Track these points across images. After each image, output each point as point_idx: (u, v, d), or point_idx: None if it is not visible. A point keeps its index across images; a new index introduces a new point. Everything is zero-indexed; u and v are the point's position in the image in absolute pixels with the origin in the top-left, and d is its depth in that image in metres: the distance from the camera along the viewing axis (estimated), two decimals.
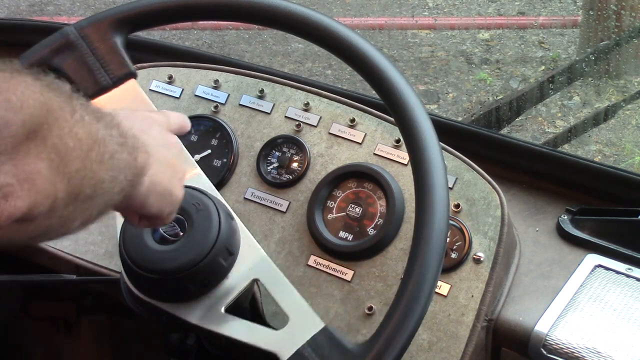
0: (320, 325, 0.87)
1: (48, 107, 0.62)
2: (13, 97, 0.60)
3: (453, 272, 1.07)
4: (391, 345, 0.81)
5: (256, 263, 0.94)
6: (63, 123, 0.63)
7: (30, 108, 0.60)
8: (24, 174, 0.59)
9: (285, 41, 3.58)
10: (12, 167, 0.59)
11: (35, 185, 0.60)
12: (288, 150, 1.18)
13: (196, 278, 0.90)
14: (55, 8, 3.94)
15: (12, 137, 0.59)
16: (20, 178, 0.59)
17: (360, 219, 1.12)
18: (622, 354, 1.01)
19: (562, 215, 1.20)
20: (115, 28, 0.99)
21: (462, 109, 3.26)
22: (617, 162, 2.95)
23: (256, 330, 0.90)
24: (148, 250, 0.92)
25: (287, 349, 0.85)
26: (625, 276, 1.10)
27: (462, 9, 3.84)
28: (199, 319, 0.91)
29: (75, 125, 0.64)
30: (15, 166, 0.59)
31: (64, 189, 0.63)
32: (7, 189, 0.58)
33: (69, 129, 0.63)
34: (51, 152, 0.61)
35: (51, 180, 0.61)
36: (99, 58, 0.96)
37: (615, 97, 3.16)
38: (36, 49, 0.97)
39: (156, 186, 0.77)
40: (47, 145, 0.61)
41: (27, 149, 0.60)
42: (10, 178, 0.59)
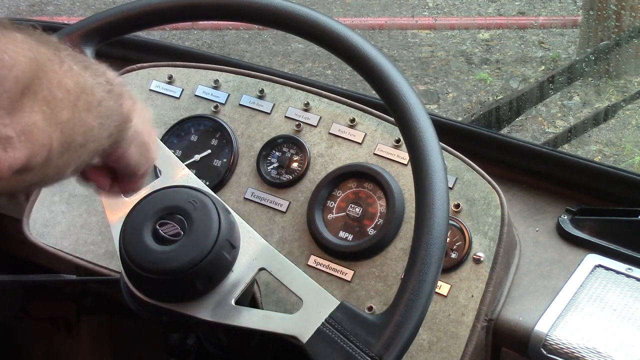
0: (335, 302, 0.87)
1: (38, 61, 0.64)
2: (5, 55, 0.62)
3: (453, 272, 1.07)
4: (410, 313, 0.82)
5: (259, 253, 0.94)
6: (52, 75, 0.65)
7: (22, 65, 0.62)
8: (20, 127, 0.62)
9: (285, 41, 3.58)
10: (9, 120, 0.61)
11: (32, 137, 0.63)
12: (288, 150, 1.18)
13: (203, 274, 0.90)
14: (55, 8, 3.94)
15: (7, 93, 0.61)
16: (17, 130, 0.62)
17: (360, 219, 1.12)
18: (622, 354, 1.01)
19: (562, 215, 1.20)
20: (85, 40, 1.00)
21: (462, 109, 3.26)
22: (617, 162, 2.95)
23: (272, 317, 0.90)
24: (150, 252, 0.92)
25: (307, 329, 0.85)
26: (625, 276, 1.10)
27: (462, 9, 3.84)
28: (211, 314, 0.91)
29: (63, 77, 0.66)
30: (12, 120, 0.62)
31: (57, 139, 0.65)
32: (6, 141, 0.61)
33: (58, 80, 0.66)
34: (43, 105, 0.64)
35: (46, 131, 0.64)
36: None
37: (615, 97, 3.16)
38: None
39: (138, 135, 0.80)
40: (39, 99, 0.64)
41: (22, 104, 0.62)
42: (9, 131, 0.61)
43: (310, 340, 0.85)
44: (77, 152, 0.69)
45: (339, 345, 0.83)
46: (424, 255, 0.84)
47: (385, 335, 0.82)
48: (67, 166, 0.70)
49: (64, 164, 0.69)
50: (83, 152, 0.70)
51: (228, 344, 1.09)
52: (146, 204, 0.93)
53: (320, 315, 0.86)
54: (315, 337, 0.85)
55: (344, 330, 0.84)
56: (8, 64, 0.61)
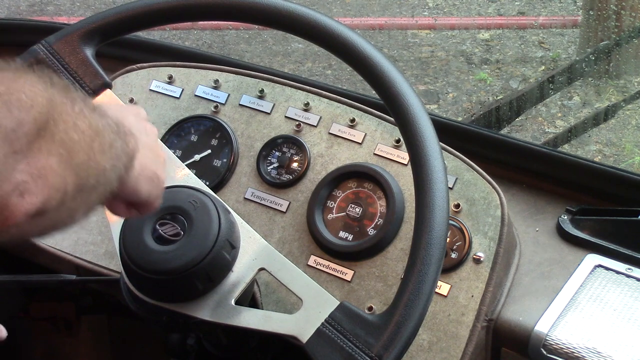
0: (335, 302, 0.87)
1: (53, 102, 0.64)
2: (23, 96, 0.61)
3: (453, 272, 1.07)
4: (410, 313, 0.82)
5: (259, 253, 0.94)
6: (67, 117, 0.65)
7: (39, 106, 0.62)
8: (37, 171, 0.62)
9: (285, 41, 3.58)
10: (26, 165, 0.61)
11: (48, 181, 0.63)
12: (288, 150, 1.18)
13: (203, 274, 0.90)
14: (55, 8, 3.94)
15: (26, 136, 0.61)
16: (34, 175, 0.61)
17: (360, 219, 1.12)
18: (622, 354, 1.01)
19: (562, 215, 1.20)
20: (85, 40, 1.00)
21: (462, 109, 3.26)
22: (617, 162, 2.94)
23: (271, 317, 0.90)
24: (151, 252, 0.92)
25: (307, 329, 0.86)
26: (625, 276, 1.10)
27: (462, 9, 3.84)
28: (211, 314, 0.91)
29: (77, 118, 0.66)
30: (29, 164, 0.61)
31: (72, 182, 0.65)
32: (23, 186, 0.61)
33: (73, 122, 0.65)
34: (60, 147, 0.63)
35: (61, 174, 0.64)
36: (72, 72, 0.97)
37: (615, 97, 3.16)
38: None
39: (144, 170, 0.79)
40: (56, 141, 0.63)
41: (39, 146, 0.62)
42: (26, 176, 0.61)
43: (310, 340, 0.85)
44: (89, 195, 0.69)
45: (339, 345, 0.83)
46: (423, 255, 0.84)
47: (385, 336, 0.82)
48: (79, 209, 0.69)
49: (76, 207, 0.68)
50: (94, 195, 0.70)
51: (228, 344, 1.09)
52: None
53: (320, 316, 0.86)
54: (315, 338, 0.85)
55: (343, 330, 0.84)
56: (26, 105, 0.61)
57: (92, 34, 1.00)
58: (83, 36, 1.00)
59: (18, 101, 0.61)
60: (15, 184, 0.61)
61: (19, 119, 0.60)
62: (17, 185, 0.60)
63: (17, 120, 0.60)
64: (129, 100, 1.24)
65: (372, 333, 0.83)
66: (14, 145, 0.60)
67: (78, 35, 1.00)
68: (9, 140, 0.60)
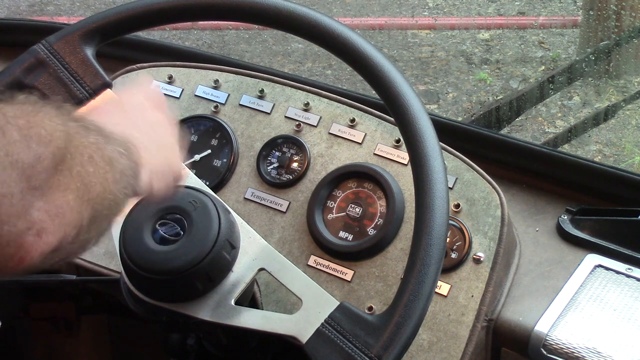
0: (335, 303, 0.87)
1: (69, 136, 0.63)
2: (42, 130, 0.60)
3: (453, 272, 1.07)
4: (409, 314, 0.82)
5: (259, 253, 0.94)
6: (83, 150, 0.64)
7: (57, 140, 0.61)
8: (54, 209, 0.60)
9: (285, 41, 3.58)
10: (44, 203, 0.60)
11: (65, 218, 0.61)
12: (288, 150, 1.18)
13: (203, 274, 0.90)
14: (55, 8, 3.94)
15: (45, 171, 0.60)
16: (51, 213, 0.60)
17: (360, 219, 1.12)
18: (622, 354, 1.01)
19: (562, 215, 1.20)
20: (85, 40, 1.00)
21: (462, 109, 3.26)
22: (617, 162, 2.94)
23: (271, 318, 0.90)
24: (151, 252, 0.92)
25: (307, 330, 0.86)
26: (625, 276, 1.10)
27: (462, 9, 3.84)
28: (211, 314, 0.91)
29: (93, 150, 0.65)
30: (47, 201, 0.60)
31: (88, 216, 0.64)
32: (39, 225, 0.59)
33: (89, 155, 0.64)
34: (77, 181, 0.62)
35: (78, 210, 0.63)
36: (72, 72, 0.97)
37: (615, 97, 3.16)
38: (8, 70, 0.97)
39: (156, 173, 0.79)
40: (73, 175, 0.62)
41: (57, 182, 0.61)
42: (43, 214, 0.60)
43: (310, 340, 0.85)
44: (102, 224, 0.68)
45: (339, 345, 0.83)
46: (423, 256, 0.84)
47: (384, 336, 0.82)
48: (92, 239, 0.68)
49: (90, 238, 0.67)
50: (106, 222, 0.69)
51: (228, 344, 1.09)
52: (146, 204, 0.93)
53: (319, 316, 0.86)
54: (315, 338, 0.85)
55: (343, 330, 0.84)
56: (45, 139, 0.60)
57: (93, 33, 1.00)
58: (83, 36, 1.00)
59: (37, 136, 0.60)
60: (31, 222, 0.59)
61: (38, 153, 0.59)
62: (34, 224, 0.59)
63: (35, 155, 0.59)
64: None
65: (371, 333, 0.83)
66: (32, 181, 0.59)
67: (78, 35, 1.00)
68: (26, 176, 0.59)
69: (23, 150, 0.59)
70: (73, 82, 0.97)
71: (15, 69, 0.98)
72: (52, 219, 0.60)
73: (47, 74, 0.97)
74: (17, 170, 0.58)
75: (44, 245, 0.60)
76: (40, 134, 0.60)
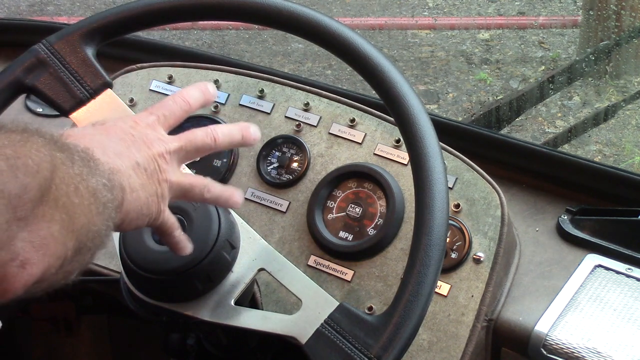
0: (335, 303, 0.87)
1: (55, 167, 0.62)
2: (29, 161, 0.60)
3: (453, 272, 1.07)
4: (409, 315, 0.82)
5: (259, 253, 0.94)
6: (69, 180, 0.63)
7: (44, 170, 0.60)
8: (39, 240, 0.60)
9: (285, 41, 3.58)
10: (28, 233, 0.59)
11: (49, 249, 0.61)
12: (288, 150, 1.18)
13: (203, 274, 0.91)
14: (55, 8, 3.94)
15: (31, 202, 0.59)
16: (35, 244, 0.59)
17: (360, 219, 1.12)
18: (622, 354, 1.01)
19: (562, 215, 1.20)
20: (86, 40, 1.00)
21: (462, 109, 3.26)
22: (617, 162, 2.95)
23: (271, 318, 0.90)
24: (150, 252, 0.92)
25: (306, 330, 0.86)
26: (625, 276, 1.10)
27: (462, 9, 3.84)
28: (211, 314, 0.91)
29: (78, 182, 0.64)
30: (31, 232, 0.59)
31: (72, 247, 0.63)
32: (23, 256, 0.59)
33: (75, 185, 0.64)
34: (62, 212, 0.62)
35: (62, 241, 0.62)
36: (73, 72, 0.97)
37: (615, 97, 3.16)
38: (9, 70, 0.98)
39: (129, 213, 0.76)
40: (59, 206, 0.61)
41: (43, 212, 0.60)
42: (27, 245, 0.59)
43: (309, 341, 0.85)
44: (84, 256, 0.67)
45: (338, 346, 0.83)
46: (423, 256, 0.84)
47: (384, 337, 0.82)
48: (75, 270, 0.68)
49: (72, 269, 0.67)
50: (89, 254, 0.68)
51: (228, 344, 1.09)
52: None
53: (319, 316, 0.86)
54: (314, 338, 0.85)
55: (342, 331, 0.84)
56: (32, 170, 0.59)
57: (93, 33, 1.00)
58: (84, 36, 1.00)
59: (25, 166, 0.59)
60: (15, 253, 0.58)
61: (25, 184, 0.58)
62: (18, 255, 0.58)
63: (22, 185, 0.58)
64: (129, 100, 1.24)
65: (371, 334, 0.83)
66: (18, 211, 0.58)
67: (79, 34, 1.00)
68: (12, 206, 0.58)
69: (10, 180, 0.58)
70: (73, 81, 0.97)
71: (15, 68, 0.98)
72: (36, 250, 0.59)
73: (47, 74, 0.97)
74: (3, 200, 0.57)
75: (27, 277, 0.59)
76: (28, 164, 0.59)
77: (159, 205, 0.81)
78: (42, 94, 0.97)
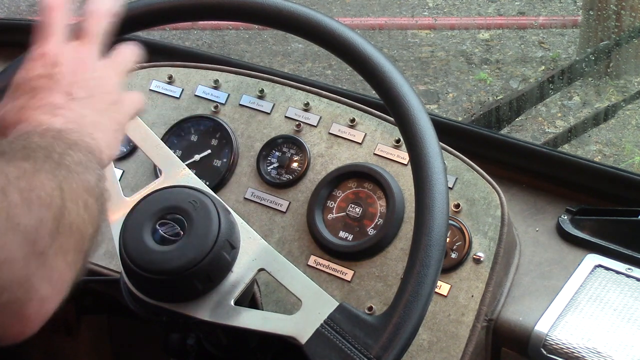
0: (334, 303, 0.87)
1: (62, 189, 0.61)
2: (42, 193, 0.58)
3: (453, 272, 1.07)
4: (409, 315, 0.82)
5: (259, 253, 0.94)
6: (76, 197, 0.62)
7: (56, 199, 0.59)
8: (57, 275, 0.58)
9: (285, 41, 3.58)
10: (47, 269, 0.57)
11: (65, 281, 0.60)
12: (288, 150, 1.18)
13: (203, 274, 0.90)
14: None
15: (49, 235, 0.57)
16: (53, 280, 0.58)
17: (360, 219, 1.12)
18: (622, 354, 1.01)
19: (562, 215, 1.20)
20: None
21: (462, 109, 3.26)
22: (617, 162, 2.94)
23: (271, 318, 0.90)
24: (150, 252, 0.91)
25: (306, 330, 0.86)
26: (625, 276, 1.10)
27: (462, 9, 3.84)
28: (210, 315, 0.91)
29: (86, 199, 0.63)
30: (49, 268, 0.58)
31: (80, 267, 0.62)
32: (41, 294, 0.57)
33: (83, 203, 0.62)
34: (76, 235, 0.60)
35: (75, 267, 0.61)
36: None
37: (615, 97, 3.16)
38: (9, 69, 0.98)
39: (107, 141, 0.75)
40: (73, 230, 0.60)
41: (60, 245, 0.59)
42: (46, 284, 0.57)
43: (309, 341, 0.85)
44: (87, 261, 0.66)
45: (338, 346, 0.83)
46: (423, 256, 0.84)
47: (383, 337, 0.82)
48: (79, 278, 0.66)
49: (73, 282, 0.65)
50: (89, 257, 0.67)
51: (228, 344, 1.09)
52: (146, 204, 0.93)
53: (319, 317, 0.86)
54: (314, 338, 0.85)
55: (342, 331, 0.84)
56: (46, 202, 0.58)
57: None
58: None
59: (38, 199, 0.58)
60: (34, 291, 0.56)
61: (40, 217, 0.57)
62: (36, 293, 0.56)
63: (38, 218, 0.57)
64: None
65: (370, 334, 0.83)
66: (35, 246, 0.56)
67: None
68: (30, 241, 0.56)
69: (24, 214, 0.56)
70: None
71: (16, 68, 0.98)
72: (53, 287, 0.58)
73: None
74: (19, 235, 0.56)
75: (44, 314, 0.58)
76: (41, 196, 0.58)
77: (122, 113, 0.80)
78: None
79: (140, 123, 0.99)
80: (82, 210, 0.62)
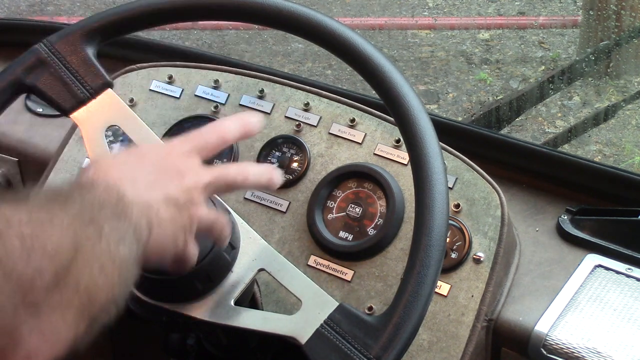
0: (334, 304, 0.87)
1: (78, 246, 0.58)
2: (48, 244, 0.56)
3: (453, 272, 1.07)
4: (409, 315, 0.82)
5: (259, 253, 0.94)
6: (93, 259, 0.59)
7: (64, 252, 0.57)
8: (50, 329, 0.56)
9: (285, 41, 3.58)
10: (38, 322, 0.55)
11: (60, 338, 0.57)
12: (288, 150, 1.18)
13: (203, 274, 0.90)
14: (55, 8, 3.94)
15: (44, 288, 0.55)
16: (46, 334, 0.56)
17: (360, 219, 1.12)
18: (622, 354, 1.01)
19: (562, 215, 1.20)
20: (86, 40, 1.00)
21: (462, 109, 3.26)
22: (617, 162, 2.95)
23: (270, 318, 0.90)
24: None
25: (306, 330, 0.85)
26: (625, 276, 1.10)
27: (462, 9, 3.84)
28: (210, 315, 0.91)
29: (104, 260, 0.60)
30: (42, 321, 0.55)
31: (84, 329, 0.59)
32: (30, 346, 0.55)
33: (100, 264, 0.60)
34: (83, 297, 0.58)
35: (75, 326, 0.58)
36: (73, 71, 0.97)
37: (615, 97, 3.16)
38: (9, 69, 0.97)
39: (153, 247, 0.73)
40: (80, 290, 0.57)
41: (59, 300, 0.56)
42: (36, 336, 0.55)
43: (309, 341, 0.85)
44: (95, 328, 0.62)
45: (337, 346, 0.83)
46: (423, 257, 0.84)
47: (383, 337, 0.82)
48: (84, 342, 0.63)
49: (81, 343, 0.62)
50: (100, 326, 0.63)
51: (228, 344, 1.09)
52: None
53: (319, 317, 0.86)
54: (314, 339, 0.85)
55: (342, 331, 0.84)
56: (50, 253, 0.56)
57: (94, 33, 1.00)
58: (84, 35, 1.00)
59: (41, 248, 0.55)
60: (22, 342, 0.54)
61: (39, 268, 0.55)
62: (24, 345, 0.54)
63: (35, 269, 0.54)
64: (129, 100, 1.24)
65: (370, 334, 0.83)
66: (28, 296, 0.54)
67: (79, 34, 1.00)
68: (22, 291, 0.54)
69: (21, 262, 0.54)
70: (74, 81, 0.97)
71: (16, 68, 0.98)
72: (45, 341, 0.56)
73: (48, 74, 0.97)
74: (11, 283, 0.53)
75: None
76: (45, 246, 0.56)
77: (185, 238, 0.79)
78: (43, 94, 0.97)
79: (140, 123, 0.99)
80: (96, 274, 0.59)
